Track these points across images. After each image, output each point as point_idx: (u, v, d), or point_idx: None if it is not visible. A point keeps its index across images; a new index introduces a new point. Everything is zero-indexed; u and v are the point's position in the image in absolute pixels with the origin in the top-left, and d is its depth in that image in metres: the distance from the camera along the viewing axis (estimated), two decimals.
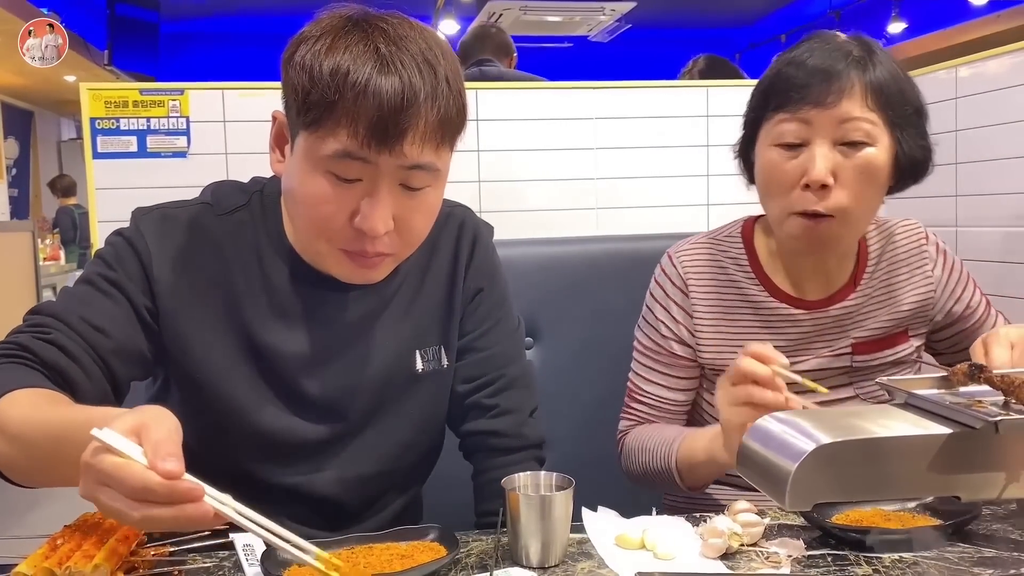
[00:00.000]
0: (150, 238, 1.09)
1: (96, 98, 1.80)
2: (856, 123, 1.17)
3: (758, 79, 1.30)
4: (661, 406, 1.38)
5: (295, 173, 1.03)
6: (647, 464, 1.31)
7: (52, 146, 11.00)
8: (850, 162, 1.18)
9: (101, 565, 0.84)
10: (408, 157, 0.98)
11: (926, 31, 7.87)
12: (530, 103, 2.00)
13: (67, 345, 1.01)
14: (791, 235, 1.24)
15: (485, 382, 1.25)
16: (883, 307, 1.33)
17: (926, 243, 1.36)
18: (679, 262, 1.35)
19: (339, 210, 1.00)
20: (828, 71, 1.18)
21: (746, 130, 1.31)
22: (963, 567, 0.99)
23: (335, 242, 1.04)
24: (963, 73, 1.94)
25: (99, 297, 1.06)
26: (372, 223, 0.99)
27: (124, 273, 1.07)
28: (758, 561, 1.03)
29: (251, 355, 1.12)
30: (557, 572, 1.01)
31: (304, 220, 1.05)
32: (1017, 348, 1.03)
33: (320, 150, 0.98)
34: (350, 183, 1.00)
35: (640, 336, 1.41)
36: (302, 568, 0.99)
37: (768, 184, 1.25)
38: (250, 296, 1.12)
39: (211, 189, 1.18)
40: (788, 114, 1.20)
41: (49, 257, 6.69)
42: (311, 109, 0.97)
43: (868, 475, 0.74)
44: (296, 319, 1.13)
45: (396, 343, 1.19)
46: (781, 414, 0.80)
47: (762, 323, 1.32)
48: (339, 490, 1.18)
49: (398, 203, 1.02)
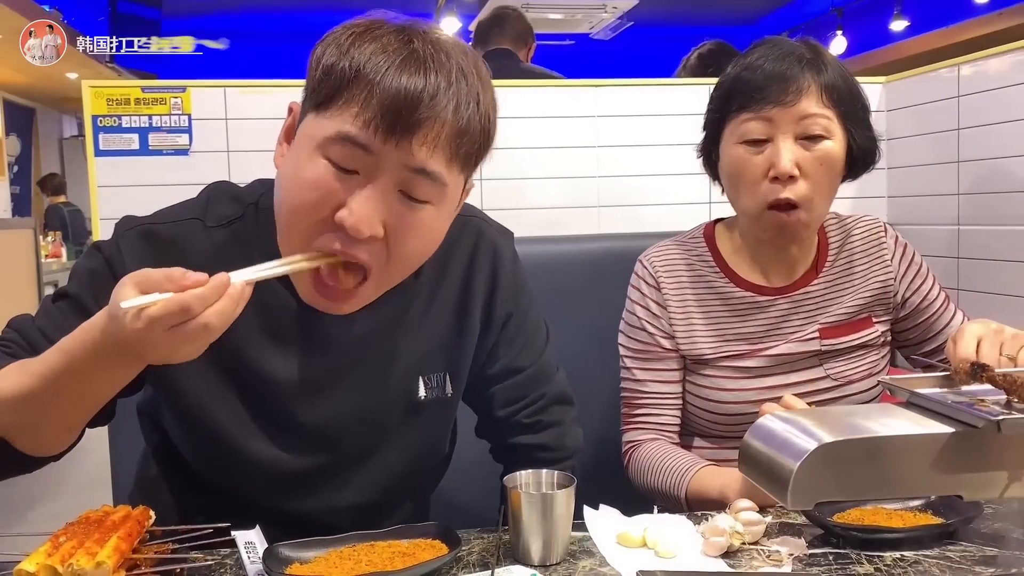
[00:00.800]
0: (128, 257, 1.02)
1: (98, 95, 1.80)
2: (814, 119, 1.29)
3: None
4: (662, 403, 1.41)
5: (292, 158, 0.95)
6: (654, 484, 1.35)
7: (54, 143, 11.01)
8: (811, 155, 1.29)
9: (104, 562, 0.84)
10: (415, 157, 0.90)
11: (928, 29, 7.86)
12: (532, 101, 2.00)
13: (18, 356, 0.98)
14: (766, 228, 1.34)
15: (526, 403, 1.24)
16: (845, 293, 1.42)
17: (885, 236, 1.46)
18: (649, 263, 1.45)
19: (325, 199, 0.90)
20: (785, 73, 1.29)
21: (708, 130, 1.41)
22: (965, 566, 0.99)
23: (309, 238, 0.92)
24: (965, 71, 1.94)
25: (74, 317, 0.99)
26: (356, 219, 0.89)
27: (96, 296, 1.01)
28: (759, 559, 1.03)
29: (237, 380, 1.06)
30: (559, 570, 1.02)
31: (285, 208, 0.95)
32: (985, 340, 1.08)
33: (323, 131, 0.90)
34: (347, 174, 0.91)
35: (627, 342, 1.46)
36: (304, 565, 0.99)
37: (737, 178, 1.34)
38: (241, 318, 0.96)
39: (206, 196, 1.10)
40: (752, 113, 1.30)
41: (51, 254, 6.69)
42: (324, 88, 0.91)
43: (870, 474, 0.74)
44: (289, 342, 1.06)
45: (397, 369, 1.11)
46: (783, 412, 0.80)
47: (731, 312, 1.41)
48: (332, 516, 1.13)
49: (393, 210, 0.92)
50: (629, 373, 1.45)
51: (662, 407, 1.42)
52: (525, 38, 3.14)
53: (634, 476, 1.41)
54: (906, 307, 1.44)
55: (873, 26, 8.33)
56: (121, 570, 0.88)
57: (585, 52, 8.94)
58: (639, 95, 2.05)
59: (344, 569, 0.97)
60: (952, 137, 1.96)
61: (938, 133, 2.00)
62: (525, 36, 3.14)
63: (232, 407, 1.07)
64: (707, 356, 1.40)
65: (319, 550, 1.02)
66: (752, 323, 1.40)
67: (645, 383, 1.43)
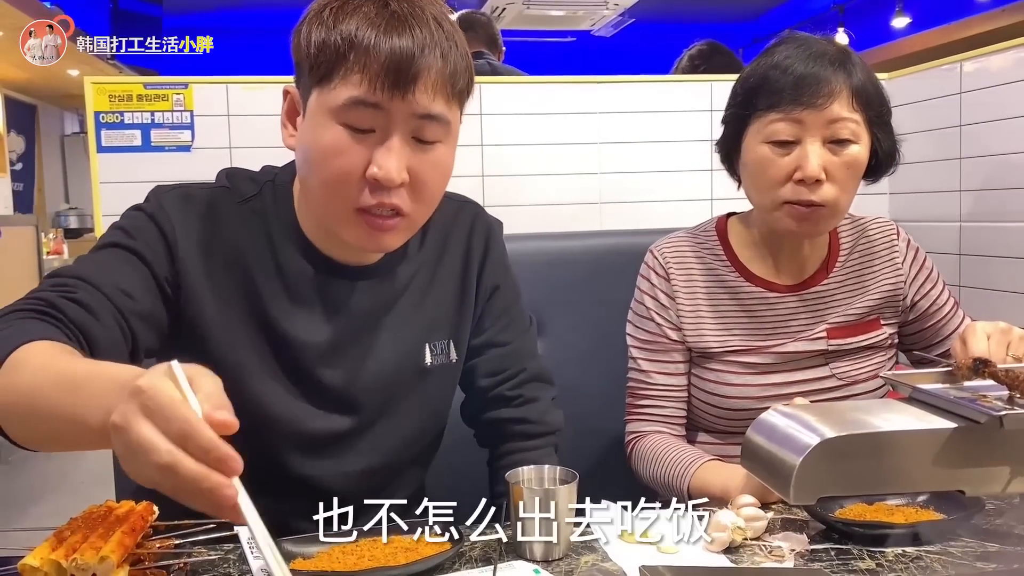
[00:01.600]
0: (174, 215, 1.08)
1: (100, 92, 1.80)
2: (844, 123, 1.28)
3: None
4: (667, 394, 1.42)
5: (309, 132, 1.03)
6: (656, 476, 1.36)
7: (55, 140, 10.99)
8: (839, 159, 1.29)
9: (108, 557, 0.84)
10: (420, 105, 0.99)
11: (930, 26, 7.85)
12: (533, 98, 1.99)
13: (91, 304, 0.96)
14: (783, 222, 1.32)
15: (508, 376, 1.30)
16: (855, 294, 1.42)
17: (897, 239, 1.46)
18: (660, 254, 1.45)
19: (353, 162, 1.00)
20: (818, 75, 1.27)
21: (730, 126, 1.39)
22: (966, 562, 0.99)
23: (350, 200, 1.02)
24: (968, 68, 1.93)
25: (121, 262, 1.03)
26: (386, 171, 0.99)
27: (145, 244, 1.05)
28: (761, 555, 1.03)
29: (268, 341, 1.12)
30: (561, 565, 1.02)
31: (319, 178, 1.03)
32: (992, 339, 1.08)
33: (334, 100, 0.99)
34: (364, 134, 1.00)
35: (634, 331, 1.47)
36: (307, 560, 0.99)
37: (760, 178, 1.33)
38: (266, 283, 1.12)
39: (226, 174, 1.17)
40: (781, 114, 1.29)
41: (52, 251, 6.70)
42: (323, 63, 0.99)
43: (872, 469, 0.74)
44: (310, 307, 1.14)
45: (406, 335, 1.19)
46: (785, 408, 0.80)
47: (740, 307, 1.41)
48: (343, 483, 1.18)
49: (411, 156, 1.02)
50: (635, 364, 1.45)
51: (667, 399, 1.42)
52: (498, 44, 3.26)
53: (637, 466, 1.42)
54: (915, 311, 1.44)
55: (875, 23, 8.31)
56: (125, 565, 0.88)
57: (586, 49, 8.92)
58: (640, 92, 2.05)
59: (347, 564, 0.98)
60: (954, 134, 1.96)
61: (940, 130, 2.00)
62: (497, 42, 3.27)
63: (261, 360, 1.12)
64: (713, 350, 1.40)
65: (322, 545, 1.02)
66: (760, 319, 1.40)
67: (651, 374, 1.43)
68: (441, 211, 1.23)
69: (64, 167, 11.06)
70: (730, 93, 1.40)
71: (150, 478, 0.67)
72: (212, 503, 0.66)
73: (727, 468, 1.29)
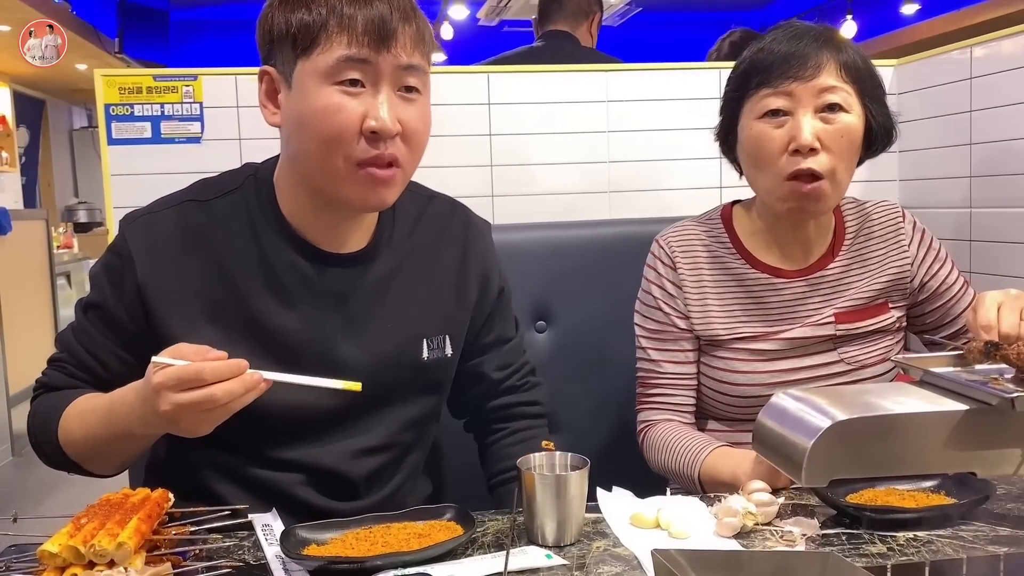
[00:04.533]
0: (137, 252, 1.15)
1: (110, 84, 1.80)
2: (834, 91, 1.30)
3: None
4: (677, 382, 1.43)
5: (299, 99, 1.08)
6: (668, 463, 1.37)
7: (64, 135, 11.01)
8: (832, 127, 1.30)
9: (125, 543, 0.85)
10: (402, 57, 1.08)
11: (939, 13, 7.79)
12: (542, 87, 1.99)
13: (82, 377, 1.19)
14: (786, 199, 1.33)
15: (515, 368, 1.38)
16: (862, 278, 1.42)
17: (903, 221, 1.46)
18: (666, 243, 1.46)
19: (350, 118, 1.06)
20: (804, 50, 1.31)
21: (726, 112, 1.42)
22: (978, 545, 1.00)
23: (351, 155, 1.07)
24: (977, 53, 1.92)
25: (104, 332, 1.18)
26: (383, 121, 1.06)
27: (118, 298, 1.16)
28: (772, 540, 1.04)
29: (252, 336, 1.15)
30: (572, 551, 1.02)
31: (317, 138, 1.08)
32: (1004, 307, 1.07)
33: (324, 63, 1.06)
34: (355, 91, 1.07)
35: (642, 321, 1.47)
36: (321, 547, 1.00)
37: (757, 153, 1.35)
38: (247, 278, 1.16)
39: (198, 183, 1.23)
40: (771, 88, 1.32)
41: (63, 245, 6.72)
42: (305, 33, 1.06)
43: (884, 451, 0.74)
44: (295, 295, 1.16)
45: (401, 326, 1.22)
46: (796, 391, 0.80)
47: (746, 293, 1.41)
48: (342, 462, 1.20)
49: (400, 107, 1.09)
50: (644, 353, 1.46)
51: (676, 387, 1.43)
52: (587, 12, 2.88)
53: (648, 455, 1.42)
54: (924, 291, 1.44)
55: (884, 10, 8.25)
56: (142, 551, 0.89)
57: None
58: (649, 80, 2.04)
59: (360, 550, 0.99)
60: (964, 119, 1.95)
61: (950, 116, 1.99)
62: (586, 10, 2.87)
63: (251, 355, 1.10)
64: (721, 337, 1.40)
65: (335, 532, 1.03)
66: (767, 305, 1.40)
67: (660, 363, 1.44)
68: (434, 207, 1.30)
69: (73, 161, 11.09)
70: (725, 84, 1.42)
71: (211, 420, 0.98)
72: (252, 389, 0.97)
73: (736, 454, 1.29)
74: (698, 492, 1.31)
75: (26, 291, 4.86)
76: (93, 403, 1.13)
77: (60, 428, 1.14)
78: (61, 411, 1.14)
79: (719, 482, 1.28)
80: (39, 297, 5.05)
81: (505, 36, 6.32)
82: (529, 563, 0.98)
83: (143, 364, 1.12)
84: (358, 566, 0.95)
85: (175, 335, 1.11)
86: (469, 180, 1.19)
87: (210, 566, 0.93)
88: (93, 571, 0.84)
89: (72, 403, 1.14)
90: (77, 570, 0.85)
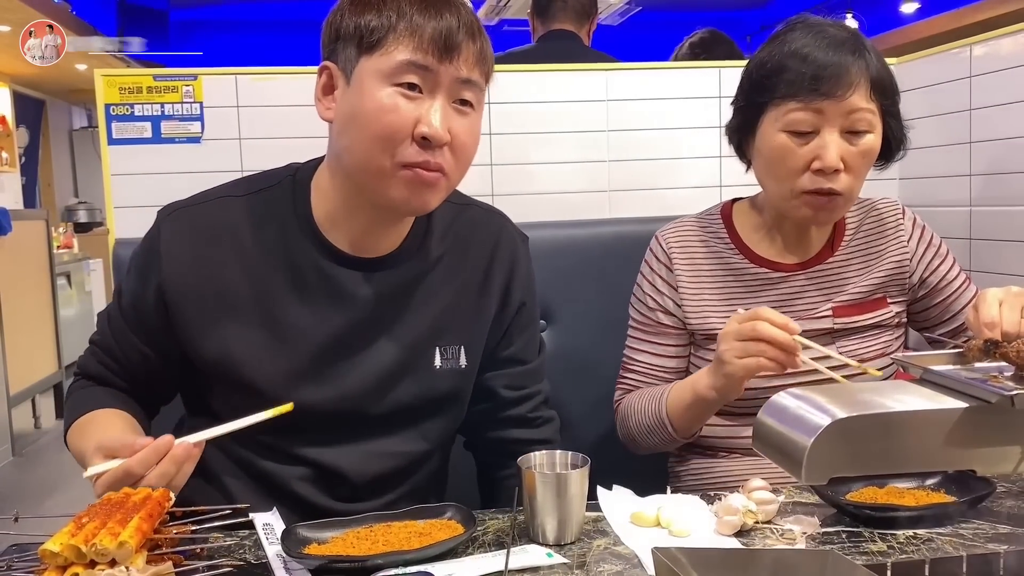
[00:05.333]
0: (164, 242, 1.17)
1: (110, 84, 1.80)
2: (862, 113, 1.29)
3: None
4: (651, 372, 1.46)
5: (356, 95, 1.09)
6: (640, 422, 1.40)
7: (64, 135, 11.00)
8: (855, 148, 1.30)
9: (126, 542, 0.85)
10: (463, 71, 1.09)
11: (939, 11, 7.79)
12: (542, 86, 1.99)
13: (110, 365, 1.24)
14: (800, 211, 1.34)
15: (527, 395, 1.33)
16: (860, 273, 1.43)
17: (903, 218, 1.47)
18: (664, 240, 1.48)
19: (403, 119, 1.07)
20: (839, 65, 1.28)
21: (744, 111, 1.39)
22: (978, 543, 1.00)
23: (398, 156, 1.08)
24: (977, 52, 1.92)
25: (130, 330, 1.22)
26: (435, 128, 1.07)
27: (140, 290, 1.19)
28: (773, 538, 1.04)
29: (269, 333, 1.16)
30: (573, 549, 1.03)
31: (368, 134, 1.09)
32: (1005, 304, 1.07)
33: (387, 63, 1.07)
34: (412, 95, 1.08)
35: (632, 312, 1.51)
36: (321, 545, 1.00)
37: (778, 165, 1.34)
38: (270, 275, 1.17)
39: (242, 179, 1.24)
40: (800, 103, 1.29)
41: (63, 245, 6.72)
42: (373, 33, 1.08)
43: (884, 449, 0.74)
44: (315, 295, 1.17)
45: (414, 332, 1.21)
46: (797, 389, 0.80)
47: (744, 287, 1.43)
48: (351, 463, 1.21)
49: (453, 118, 1.10)
50: (629, 341, 1.50)
51: (651, 376, 1.46)
52: (589, 12, 2.89)
53: (622, 428, 1.46)
54: (923, 287, 1.45)
55: (883, 8, 8.25)
56: (143, 550, 0.89)
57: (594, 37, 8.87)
58: (648, 79, 2.04)
59: (361, 549, 0.99)
60: (964, 118, 1.95)
61: (950, 114, 1.99)
62: (589, 10, 2.88)
63: (270, 359, 1.17)
64: (717, 330, 1.40)
65: (336, 531, 1.04)
66: (765, 299, 1.41)
67: (640, 352, 1.48)
68: (467, 215, 1.28)
69: (73, 161, 11.08)
70: (743, 77, 1.40)
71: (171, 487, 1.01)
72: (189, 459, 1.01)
73: (690, 378, 1.34)
74: (671, 436, 1.37)
75: (26, 291, 4.86)
76: (90, 429, 1.15)
77: (68, 435, 1.20)
78: (75, 418, 1.19)
79: (686, 406, 1.33)
80: (39, 297, 5.05)
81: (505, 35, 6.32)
82: (530, 562, 0.98)
83: (163, 360, 1.22)
84: (359, 565, 0.95)
85: (192, 330, 1.17)
86: (469, 179, 1.18)
87: (211, 565, 0.94)
88: (95, 570, 0.85)
89: (83, 417, 1.18)
90: (78, 569, 0.85)
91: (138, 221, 1.77)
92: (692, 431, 1.38)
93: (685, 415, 1.34)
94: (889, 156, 1.39)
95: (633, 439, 1.44)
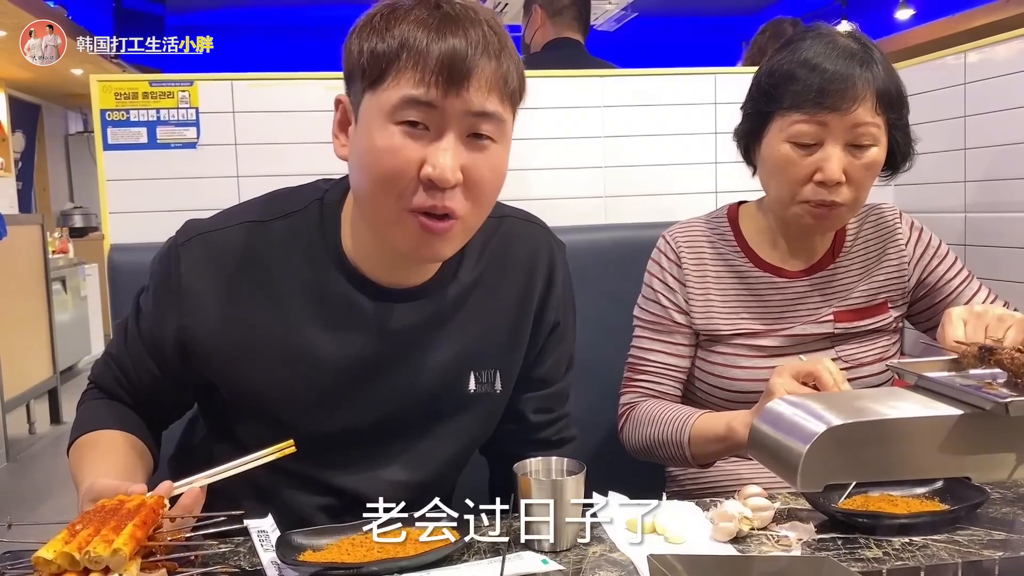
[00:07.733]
0: (185, 273, 1.11)
1: (106, 90, 1.80)
2: (866, 128, 1.29)
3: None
4: (665, 372, 1.45)
5: (362, 136, 1.02)
6: (655, 435, 1.38)
7: (59, 140, 10.99)
8: (858, 162, 1.31)
9: (120, 549, 0.85)
10: (475, 102, 0.98)
11: (934, 18, 7.81)
12: (537, 92, 1.99)
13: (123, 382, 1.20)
14: (801, 219, 1.36)
15: (554, 418, 1.29)
16: (860, 280, 1.45)
17: (900, 223, 1.49)
18: (672, 239, 1.48)
19: (407, 161, 0.98)
20: (844, 78, 1.27)
21: (752, 119, 1.39)
22: (973, 550, 1.00)
23: (404, 200, 1.00)
24: (972, 59, 1.93)
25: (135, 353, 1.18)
26: (441, 169, 0.97)
27: (157, 320, 1.14)
28: (768, 544, 1.04)
29: (303, 368, 1.12)
30: (569, 556, 1.02)
31: (372, 178, 1.01)
32: (968, 324, 1.09)
33: (387, 101, 0.98)
34: (417, 134, 0.98)
35: (640, 313, 1.50)
36: (316, 552, 1.00)
37: (780, 176, 1.35)
38: (297, 306, 1.11)
39: (266, 198, 1.17)
40: (805, 115, 1.29)
41: (58, 250, 6.70)
42: (375, 66, 0.98)
43: (879, 456, 0.75)
44: (344, 326, 1.12)
45: (448, 358, 1.16)
46: (792, 396, 0.81)
47: (749, 291, 1.44)
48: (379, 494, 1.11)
49: (466, 155, 1.00)
50: (638, 341, 1.49)
51: (664, 376, 1.45)
52: (588, 21, 2.96)
53: (631, 434, 1.43)
54: (922, 288, 1.47)
55: (878, 15, 8.27)
56: (137, 557, 0.88)
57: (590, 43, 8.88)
58: (644, 85, 2.04)
59: (356, 556, 0.98)
60: (959, 124, 1.96)
61: (945, 120, 2.00)
62: (588, 18, 2.95)
63: (295, 389, 1.12)
64: (722, 332, 1.42)
65: (331, 537, 1.03)
66: (769, 303, 1.43)
67: (652, 352, 1.46)
68: (504, 228, 1.20)
69: (68, 166, 11.06)
70: (752, 83, 1.40)
71: None
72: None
73: (725, 414, 1.31)
74: (683, 459, 1.35)
75: (21, 296, 4.85)
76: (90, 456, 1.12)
77: (71, 451, 1.17)
78: (80, 433, 1.16)
79: (711, 439, 1.31)
80: (34, 302, 5.03)
81: None
82: (525, 568, 0.98)
83: (177, 385, 1.19)
84: (354, 572, 0.95)
85: (214, 372, 1.14)
86: None
87: (206, 572, 0.93)
88: None
89: (88, 436, 1.15)
90: None
91: (134, 226, 1.77)
92: (711, 461, 1.39)
93: (710, 446, 1.32)
94: (895, 168, 1.40)
95: (639, 449, 1.42)
